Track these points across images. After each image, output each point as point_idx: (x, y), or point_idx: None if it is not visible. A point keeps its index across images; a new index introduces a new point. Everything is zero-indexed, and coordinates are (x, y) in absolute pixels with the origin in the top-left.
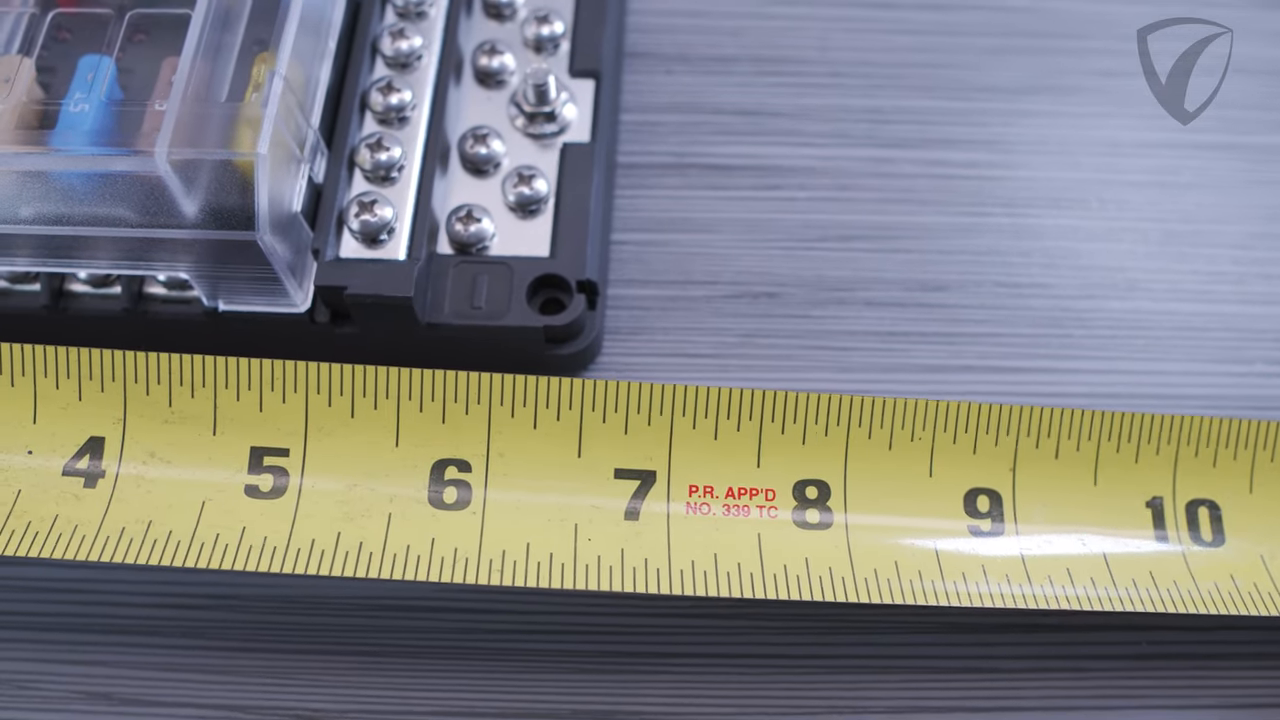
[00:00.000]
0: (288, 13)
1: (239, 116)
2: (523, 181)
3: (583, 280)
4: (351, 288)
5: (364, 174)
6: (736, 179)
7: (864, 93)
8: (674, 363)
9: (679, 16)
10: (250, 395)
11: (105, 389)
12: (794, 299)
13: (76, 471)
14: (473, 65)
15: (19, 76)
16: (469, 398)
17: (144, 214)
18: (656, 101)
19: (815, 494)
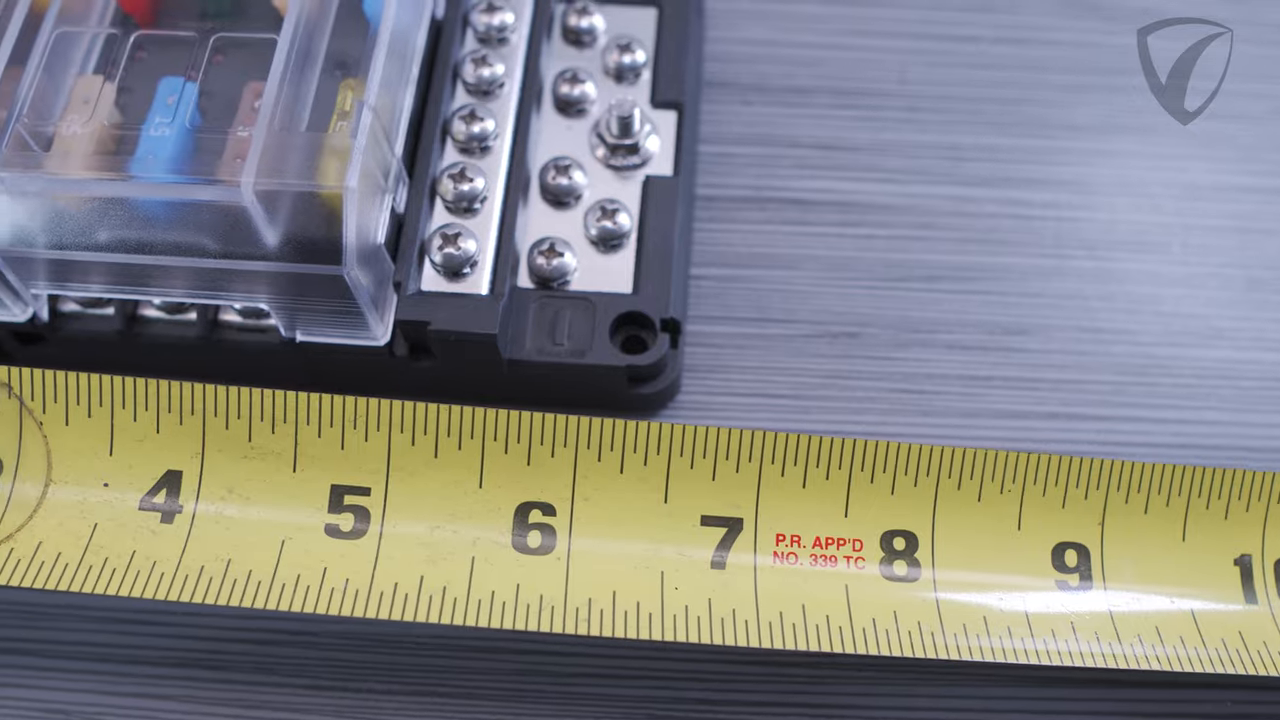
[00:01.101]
0: (377, 40)
1: (324, 146)
2: (606, 215)
3: (666, 319)
4: (435, 323)
5: (445, 204)
6: (816, 214)
7: (943, 128)
8: (753, 403)
9: (756, 45)
10: (332, 432)
11: (184, 422)
12: (876, 340)
13: (153, 506)
14: (553, 93)
15: (100, 99)
16: (555, 440)
17: (224, 243)
18: (733, 132)
19: (903, 545)
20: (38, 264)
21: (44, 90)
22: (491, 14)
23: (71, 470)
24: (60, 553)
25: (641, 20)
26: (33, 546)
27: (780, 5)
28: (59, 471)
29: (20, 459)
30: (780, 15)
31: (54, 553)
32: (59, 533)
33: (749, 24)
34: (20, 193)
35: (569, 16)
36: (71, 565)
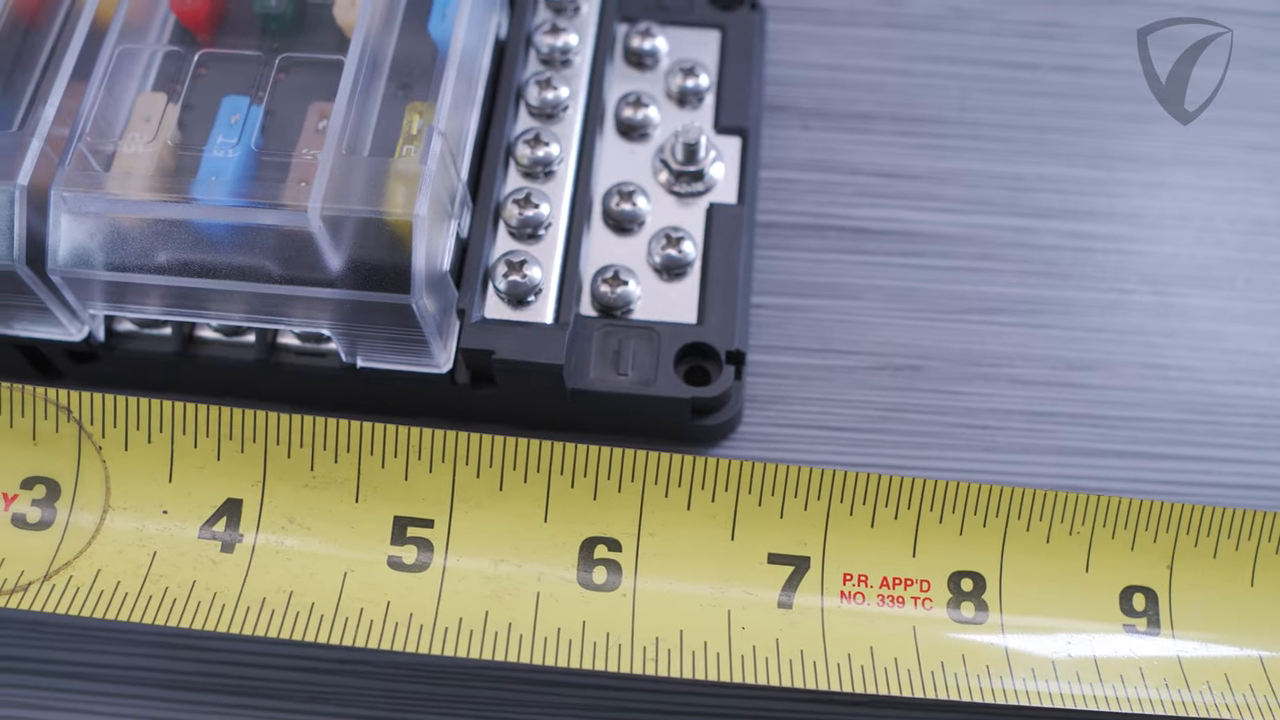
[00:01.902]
0: (447, 64)
1: (391, 171)
2: (671, 244)
3: (731, 351)
4: (499, 352)
5: (509, 229)
6: (877, 243)
7: (1005, 158)
8: (815, 436)
9: (817, 69)
10: (396, 463)
11: (245, 450)
12: (938, 373)
13: (213, 535)
14: (615, 116)
15: (164, 118)
16: (622, 475)
17: (287, 267)
18: (794, 158)
19: (970, 586)
20: (96, 285)
21: (105, 108)
22: (556, 35)
23: (130, 496)
24: (120, 581)
25: (704, 43)
26: (92, 574)
27: (841, 29)
28: (117, 497)
29: (78, 484)
30: (841, 39)
31: (113, 581)
32: (118, 560)
33: (809, 47)
34: (81, 213)
35: (632, 38)
36: (131, 594)
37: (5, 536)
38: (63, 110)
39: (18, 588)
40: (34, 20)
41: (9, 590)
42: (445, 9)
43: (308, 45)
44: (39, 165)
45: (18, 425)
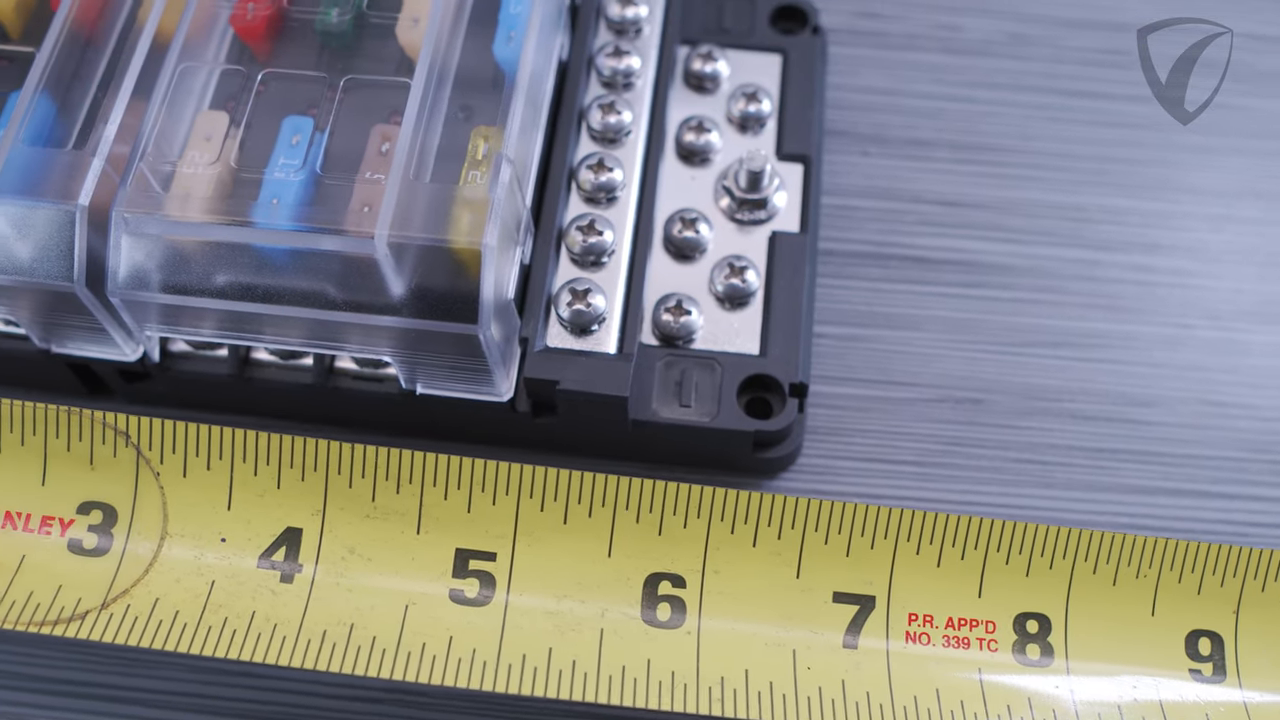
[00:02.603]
0: (515, 89)
1: (458, 198)
2: (734, 273)
3: (795, 383)
4: (563, 382)
5: (571, 256)
6: (938, 273)
7: (1066, 188)
8: (875, 469)
9: (875, 94)
10: (459, 495)
11: (306, 478)
12: (999, 407)
13: (272, 565)
14: (676, 140)
15: (226, 139)
16: (689, 511)
17: (348, 292)
18: (853, 184)
19: (1036, 628)
20: (154, 307)
21: (165, 126)
22: (619, 58)
23: (188, 524)
24: (178, 611)
25: (766, 67)
26: (150, 603)
27: (899, 53)
28: (175, 524)
29: (136, 510)
30: (899, 64)
31: (172, 610)
32: (176, 589)
33: (868, 71)
34: (141, 234)
35: (693, 61)
36: (190, 624)
37: (62, 563)
38: (122, 128)
39: (75, 616)
40: (91, 35)
41: (66, 619)
42: (510, 31)
43: (367, 63)
44: (99, 185)
45: (75, 449)
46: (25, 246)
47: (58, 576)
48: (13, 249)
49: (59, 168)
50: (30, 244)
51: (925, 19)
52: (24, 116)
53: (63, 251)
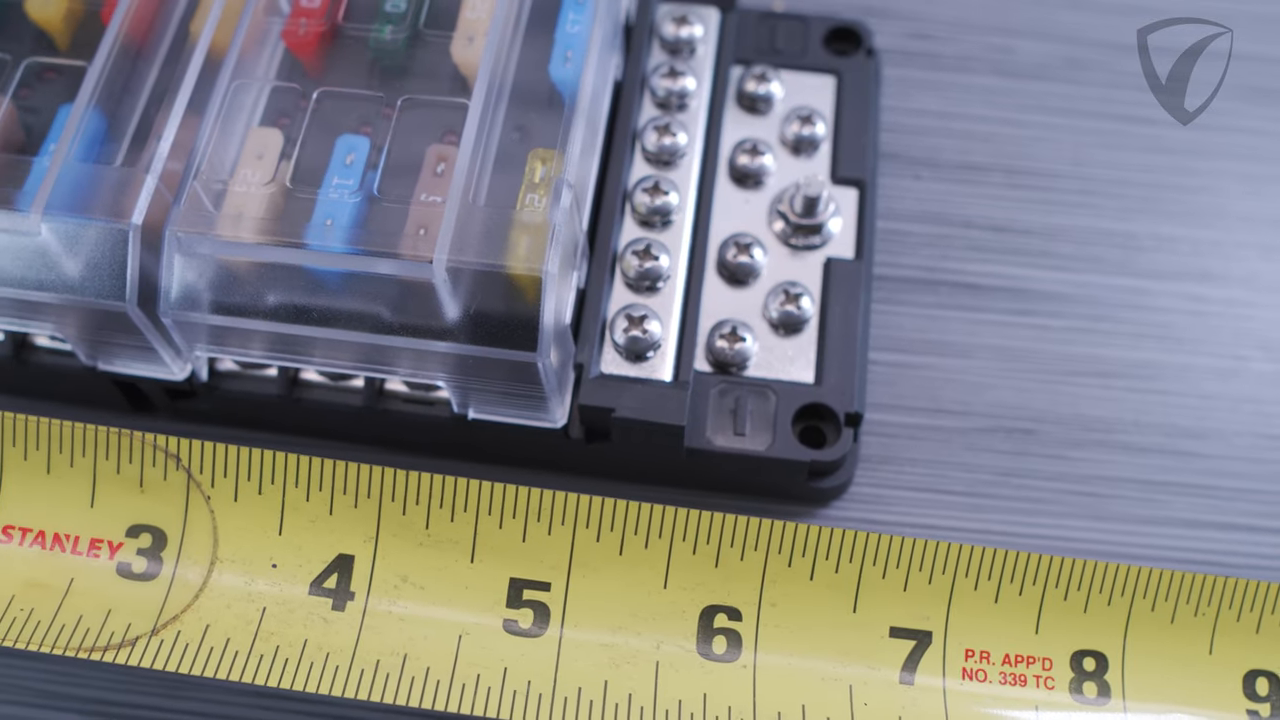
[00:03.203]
0: (575, 112)
1: (516, 222)
2: (789, 300)
3: (850, 412)
4: (619, 410)
5: (626, 281)
6: (989, 300)
7: (1117, 215)
8: (927, 499)
9: (928, 117)
10: (514, 524)
11: (359, 505)
12: (1051, 437)
13: (324, 592)
14: (729, 163)
15: (275, 155)
16: (746, 543)
17: (403, 316)
18: (905, 208)
19: (1093, 666)
20: (205, 327)
21: (218, 143)
22: (674, 79)
23: (239, 549)
24: (229, 638)
25: (820, 88)
26: (200, 629)
27: (952, 75)
28: (225, 549)
29: (186, 534)
30: (952, 86)
31: (223, 638)
32: (227, 616)
33: (921, 94)
34: (194, 254)
35: (746, 82)
36: (242, 653)
37: (111, 587)
38: (175, 145)
39: (125, 642)
40: (141, 48)
41: (116, 644)
42: (568, 50)
43: (419, 80)
44: (152, 203)
45: (125, 471)
46: (75, 264)
47: (107, 601)
48: (62, 266)
49: (111, 185)
50: (80, 261)
51: (978, 41)
52: (76, 132)
53: (114, 270)
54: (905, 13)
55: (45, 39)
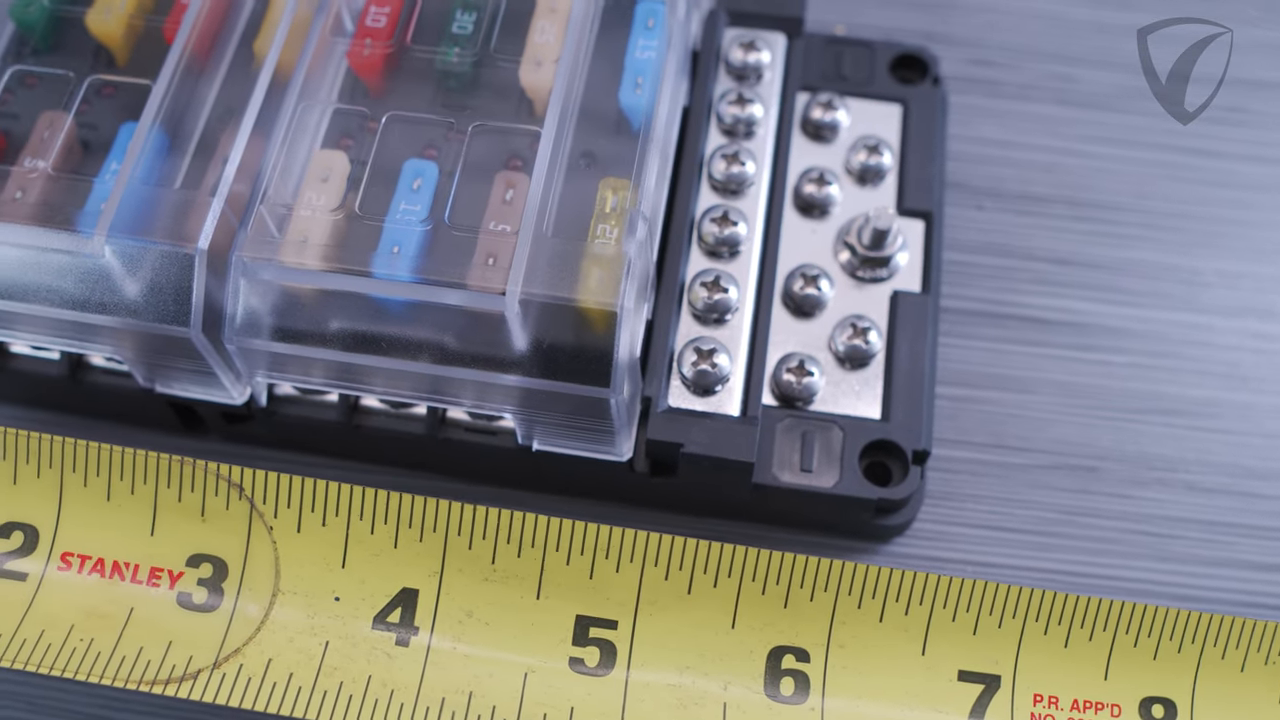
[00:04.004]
0: (649, 142)
1: (587, 254)
2: (857, 334)
3: (918, 450)
4: (688, 446)
5: (693, 312)
6: (1052, 335)
7: (1181, 250)
8: (990, 537)
9: (990, 146)
10: (582, 560)
11: (424, 539)
12: (1114, 476)
13: (387, 626)
14: (795, 192)
15: (345, 180)
16: (815, 583)
17: (471, 347)
18: (968, 239)
19: (1161, 713)
20: (268, 354)
21: (283, 166)
22: (741, 106)
23: (301, 581)
24: (292, 673)
25: (885, 117)
26: (263, 663)
27: (1014, 103)
28: (287, 581)
29: (247, 565)
30: (1014, 115)
31: (285, 672)
32: (289, 650)
33: (983, 122)
34: (260, 279)
35: (812, 109)
36: (305, 688)
37: (172, 618)
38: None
39: (187, 675)
40: (203, 66)
41: (178, 678)
42: (638, 77)
43: (484, 103)
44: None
45: (187, 500)
46: (137, 287)
47: (167, 632)
48: (124, 289)
49: (176, 207)
50: (143, 285)
51: (1040, 69)
52: (140, 152)
53: (178, 294)
54: (967, 38)
55: (104, 53)
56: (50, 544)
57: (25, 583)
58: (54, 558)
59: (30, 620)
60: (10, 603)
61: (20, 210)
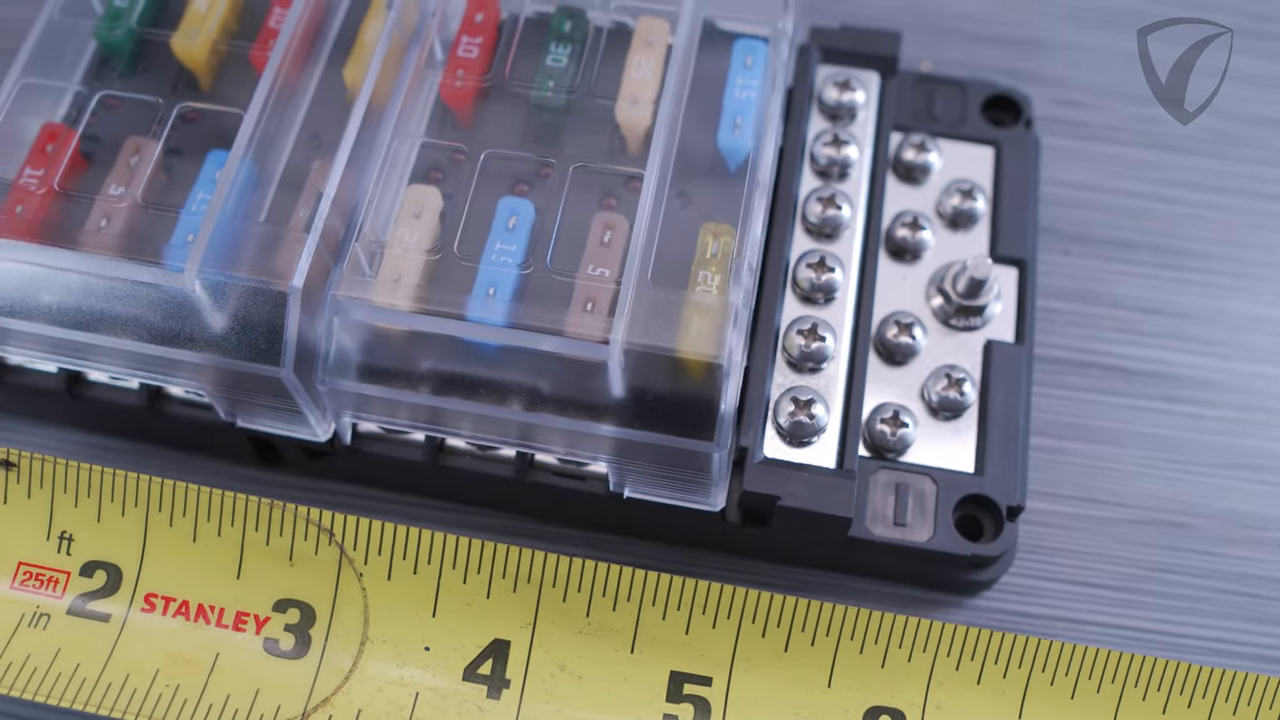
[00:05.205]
0: (755, 190)
1: (689, 302)
2: (951, 385)
3: (1012, 506)
4: (785, 499)
5: (788, 360)
6: (1139, 386)
7: (1271, 300)
8: (1075, 592)
9: (1077, 189)
10: (678, 616)
11: (518, 589)
12: (1204, 532)
13: (479, 678)
14: (887, 235)
15: (438, 218)
16: (914, 645)
17: (564, 392)
18: (1055, 285)
19: None
20: (357, 397)
21: (378, 202)
22: (837, 148)
23: (390, 629)
24: None
25: (977, 159)
26: (352, 714)
27: (1101, 146)
28: (376, 629)
29: (335, 611)
30: (1101, 158)
31: None
32: (378, 700)
33: (1069, 164)
34: (352, 319)
35: (905, 150)
36: None
37: (258, 664)
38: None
39: None
40: (290, 94)
41: None
42: (736, 118)
43: (576, 137)
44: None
45: (275, 544)
46: (226, 323)
47: (254, 680)
48: (212, 324)
49: (269, 243)
50: (233, 321)
51: (1126, 110)
52: (231, 185)
53: (269, 332)
54: (1052, 77)
55: (186, 76)
56: (134, 584)
57: (109, 624)
58: (138, 599)
59: (114, 664)
60: (94, 645)
61: (106, 241)
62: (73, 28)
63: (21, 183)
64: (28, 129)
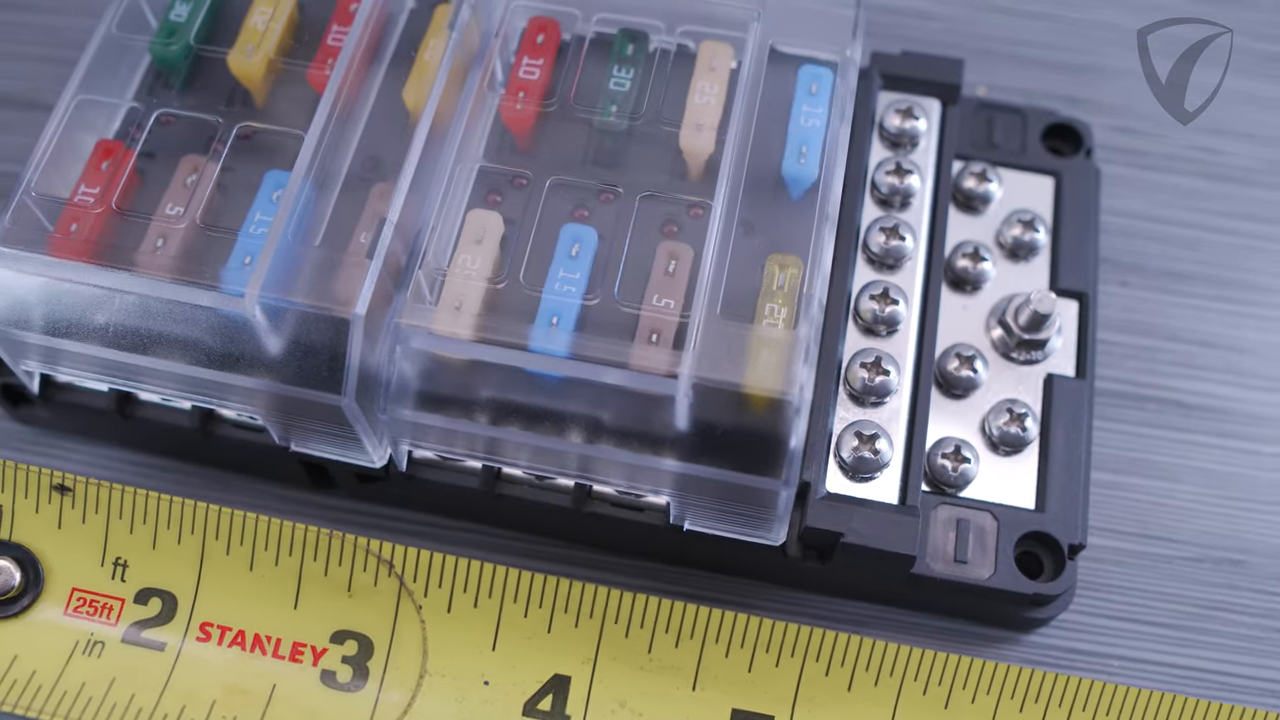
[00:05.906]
0: (824, 223)
1: (756, 336)
2: (1013, 420)
3: (1073, 544)
4: (848, 536)
5: (850, 393)
6: (1196, 421)
7: None
8: (1131, 630)
9: (1134, 219)
10: (741, 654)
11: (580, 625)
12: (1262, 571)
13: (538, 714)
14: (947, 265)
15: (499, 244)
16: (979, 687)
17: (627, 424)
18: (1112, 317)
19: None
20: (416, 425)
21: (440, 228)
22: (900, 177)
23: (449, 662)
24: None
25: (1038, 189)
26: None
27: (1157, 175)
28: (435, 662)
29: (394, 643)
30: (1158, 187)
31: None
32: None
33: (1126, 193)
34: (414, 347)
35: (964, 179)
36: None
37: (315, 696)
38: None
39: None
40: (348, 115)
41: None
42: (802, 146)
43: (638, 162)
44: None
45: (333, 574)
46: (286, 348)
47: (311, 712)
48: (270, 350)
49: (327, 267)
50: (292, 346)
51: (1184, 140)
52: (291, 208)
53: (331, 360)
54: (1110, 104)
55: (241, 93)
56: (189, 613)
57: (164, 653)
58: (193, 627)
59: (170, 694)
60: (150, 674)
61: (163, 262)
62: (128, 43)
63: (77, 201)
64: (83, 145)
